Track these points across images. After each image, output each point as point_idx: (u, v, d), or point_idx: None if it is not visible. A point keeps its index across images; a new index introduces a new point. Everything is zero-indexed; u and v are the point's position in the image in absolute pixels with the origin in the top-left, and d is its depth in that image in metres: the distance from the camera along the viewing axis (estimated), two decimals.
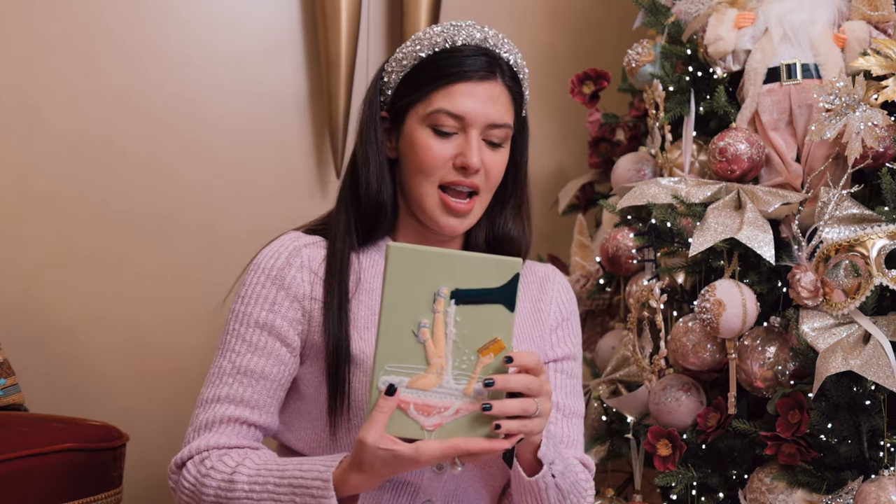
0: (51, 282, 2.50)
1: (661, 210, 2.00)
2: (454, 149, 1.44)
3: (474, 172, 1.44)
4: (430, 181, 1.44)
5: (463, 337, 1.22)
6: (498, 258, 1.23)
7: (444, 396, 1.22)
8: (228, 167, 2.62)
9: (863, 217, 1.85)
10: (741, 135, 1.97)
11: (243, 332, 1.44)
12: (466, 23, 1.48)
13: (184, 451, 1.41)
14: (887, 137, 1.87)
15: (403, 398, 1.22)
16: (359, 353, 1.43)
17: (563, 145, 2.85)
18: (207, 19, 2.60)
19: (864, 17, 2.00)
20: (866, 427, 1.82)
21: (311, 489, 1.30)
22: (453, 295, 1.21)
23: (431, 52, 1.46)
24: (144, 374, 2.56)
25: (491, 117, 1.44)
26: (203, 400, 1.44)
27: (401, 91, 1.47)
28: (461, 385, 1.22)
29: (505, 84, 1.46)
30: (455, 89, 1.43)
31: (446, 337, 1.22)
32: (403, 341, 1.22)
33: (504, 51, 1.47)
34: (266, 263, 1.46)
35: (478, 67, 1.44)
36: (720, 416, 1.94)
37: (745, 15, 2.06)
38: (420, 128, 1.44)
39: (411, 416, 1.22)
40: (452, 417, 1.22)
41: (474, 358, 1.22)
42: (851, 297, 1.82)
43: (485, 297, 1.21)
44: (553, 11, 2.84)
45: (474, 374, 1.22)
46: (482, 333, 1.22)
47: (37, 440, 1.92)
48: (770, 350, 1.90)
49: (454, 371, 1.22)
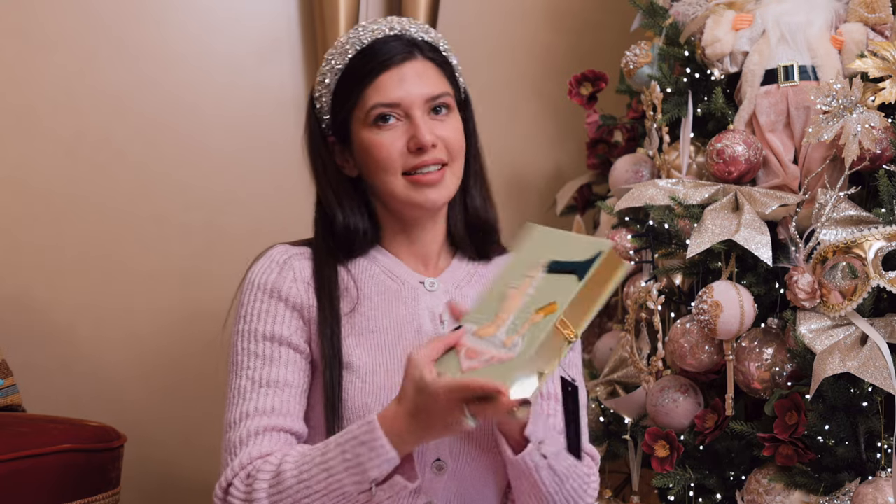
0: (48, 282, 2.50)
1: (659, 211, 2.00)
2: (403, 135, 1.43)
3: (431, 147, 1.43)
4: (392, 174, 1.44)
5: (533, 299, 1.27)
6: (593, 238, 1.32)
7: (490, 345, 1.26)
8: (226, 168, 2.62)
9: (860, 219, 1.86)
10: (739, 136, 1.98)
11: (254, 349, 1.43)
12: (370, 21, 1.47)
13: (226, 472, 1.37)
14: (884, 139, 1.87)
15: (463, 341, 1.27)
16: (355, 360, 1.43)
17: (561, 146, 2.85)
18: (205, 20, 2.60)
19: (861, 19, 2.01)
20: (863, 429, 1.82)
21: (357, 437, 1.29)
22: (549, 265, 1.29)
23: (347, 59, 1.46)
24: (142, 375, 2.56)
25: (425, 92, 1.44)
26: (230, 422, 1.41)
27: (335, 108, 1.48)
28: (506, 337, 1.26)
29: (427, 58, 1.46)
30: (381, 81, 1.43)
31: (523, 297, 1.28)
32: (493, 299, 1.30)
33: (414, 31, 1.47)
34: (260, 279, 1.46)
35: (394, 52, 1.44)
36: (718, 418, 1.95)
37: (742, 17, 2.06)
38: (364, 130, 1.45)
39: (459, 357, 1.27)
40: (485, 364, 1.25)
41: (529, 316, 1.26)
42: (849, 298, 1.82)
43: (568, 268, 1.28)
44: (551, 13, 2.84)
45: (521, 329, 1.25)
46: (548, 296, 1.27)
47: (35, 441, 1.92)
48: (767, 351, 1.90)
49: (510, 325, 1.26)
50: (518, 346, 1.24)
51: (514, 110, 2.82)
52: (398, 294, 1.47)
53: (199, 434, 2.55)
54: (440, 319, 1.47)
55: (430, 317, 1.47)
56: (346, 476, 1.29)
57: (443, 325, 1.47)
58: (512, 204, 2.83)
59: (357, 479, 1.29)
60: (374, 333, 1.45)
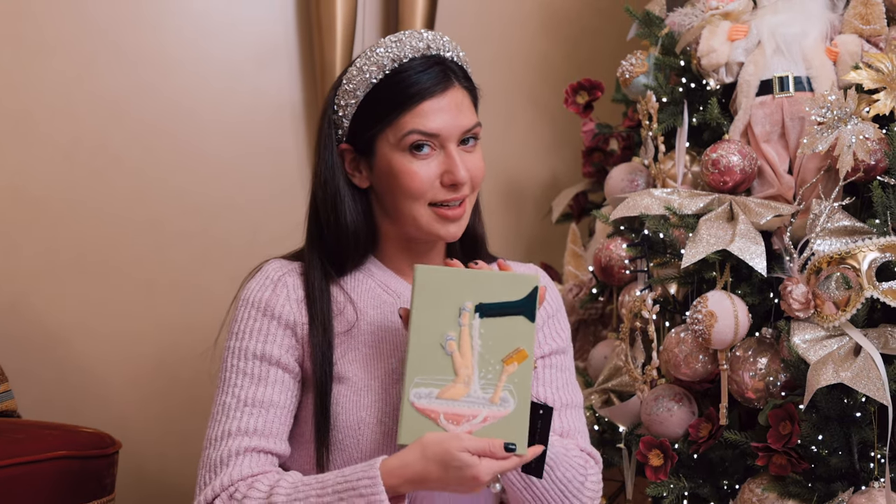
0: (44, 288, 2.50)
1: (654, 221, 2.01)
2: (437, 167, 1.43)
3: (463, 185, 1.44)
4: (420, 203, 1.43)
5: (488, 348, 1.28)
6: (517, 274, 1.31)
7: (472, 405, 1.28)
8: (223, 174, 2.62)
9: (854, 229, 1.86)
10: (734, 147, 1.98)
11: (242, 367, 1.43)
12: (404, 34, 1.46)
13: (206, 492, 1.37)
14: (878, 150, 1.88)
15: (433, 408, 1.27)
16: (350, 375, 1.43)
17: (557, 154, 2.86)
18: (202, 25, 2.60)
19: (856, 30, 2.01)
20: (857, 439, 1.83)
21: (358, 489, 1.29)
22: (477, 309, 1.29)
23: (382, 75, 1.44)
24: (138, 382, 2.56)
25: (462, 125, 1.44)
26: (212, 439, 1.41)
27: (361, 121, 1.45)
28: (488, 394, 1.28)
29: (462, 87, 1.46)
30: (422, 109, 1.42)
31: (472, 349, 1.28)
32: (432, 355, 1.28)
33: (447, 51, 1.46)
34: (254, 297, 1.46)
35: (436, 80, 1.43)
36: (712, 427, 1.95)
37: (738, 27, 2.07)
38: (396, 154, 1.43)
39: (441, 425, 1.28)
40: (481, 425, 1.27)
41: (499, 367, 1.28)
42: (842, 309, 1.82)
43: (507, 310, 1.28)
44: (548, 21, 2.85)
45: (500, 383, 1.27)
46: (505, 343, 1.28)
47: (29, 447, 1.92)
48: (761, 361, 1.90)
49: (481, 381, 1.27)
50: (509, 401, 1.27)
51: (510, 118, 2.83)
52: (394, 307, 1.48)
53: (193, 441, 2.54)
54: None
55: None
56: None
57: None
58: (508, 212, 2.84)
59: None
60: (370, 348, 1.45)
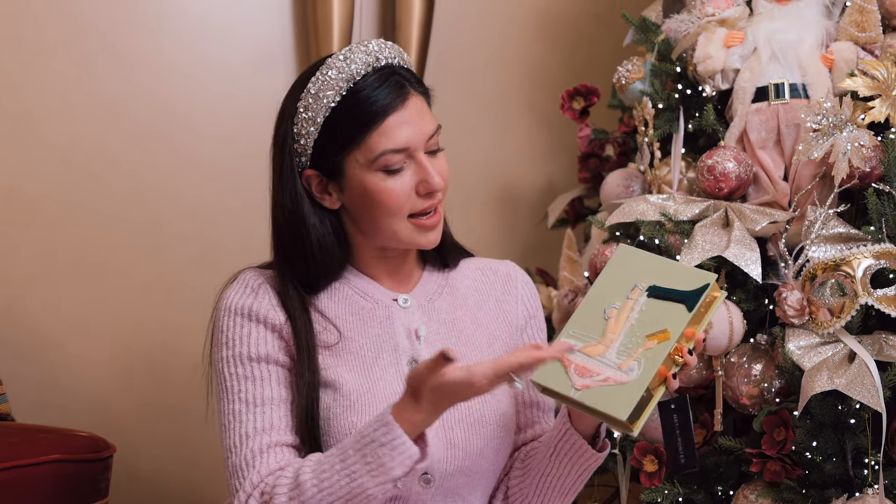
0: (39, 290, 2.49)
1: (650, 227, 2.01)
2: (411, 178, 1.43)
3: (438, 191, 1.45)
4: (398, 217, 1.43)
5: (641, 323, 1.34)
6: (697, 269, 1.39)
7: (601, 365, 1.32)
8: (219, 176, 2.62)
9: (849, 236, 1.87)
10: (729, 153, 1.99)
11: (241, 372, 1.43)
12: (349, 49, 1.44)
13: (239, 496, 1.36)
14: (874, 158, 1.88)
15: (569, 357, 1.33)
16: (338, 379, 1.43)
17: (553, 160, 2.86)
18: (199, 29, 2.60)
19: (851, 38, 2.02)
20: (851, 445, 1.83)
21: (377, 439, 1.29)
22: (649, 289, 1.36)
23: (339, 97, 1.42)
24: (132, 385, 2.55)
25: (427, 131, 1.44)
26: (230, 446, 1.40)
27: (325, 146, 1.44)
28: (621, 360, 1.32)
29: (418, 93, 1.45)
30: (386, 125, 1.41)
31: (627, 320, 1.34)
32: (593, 316, 1.36)
33: (393, 58, 1.45)
34: (235, 304, 1.45)
35: (394, 94, 1.42)
36: (706, 433, 1.95)
37: (734, 34, 2.07)
38: (368, 174, 1.42)
39: (569, 373, 1.33)
40: (600, 383, 1.31)
41: (641, 341, 1.33)
42: (837, 316, 1.83)
43: (673, 296, 1.35)
44: (544, 27, 2.85)
45: (634, 354, 1.32)
46: (657, 323, 1.34)
47: (24, 451, 1.92)
48: (756, 367, 1.91)
49: (620, 348, 1.33)
50: (634, 371, 1.31)
51: (506, 124, 2.83)
52: (373, 313, 1.48)
53: (187, 444, 2.55)
54: (416, 335, 1.48)
55: (406, 333, 1.48)
56: (368, 479, 1.30)
57: (419, 340, 1.48)
58: (504, 216, 2.84)
59: (381, 480, 1.30)
60: (352, 354, 1.45)
